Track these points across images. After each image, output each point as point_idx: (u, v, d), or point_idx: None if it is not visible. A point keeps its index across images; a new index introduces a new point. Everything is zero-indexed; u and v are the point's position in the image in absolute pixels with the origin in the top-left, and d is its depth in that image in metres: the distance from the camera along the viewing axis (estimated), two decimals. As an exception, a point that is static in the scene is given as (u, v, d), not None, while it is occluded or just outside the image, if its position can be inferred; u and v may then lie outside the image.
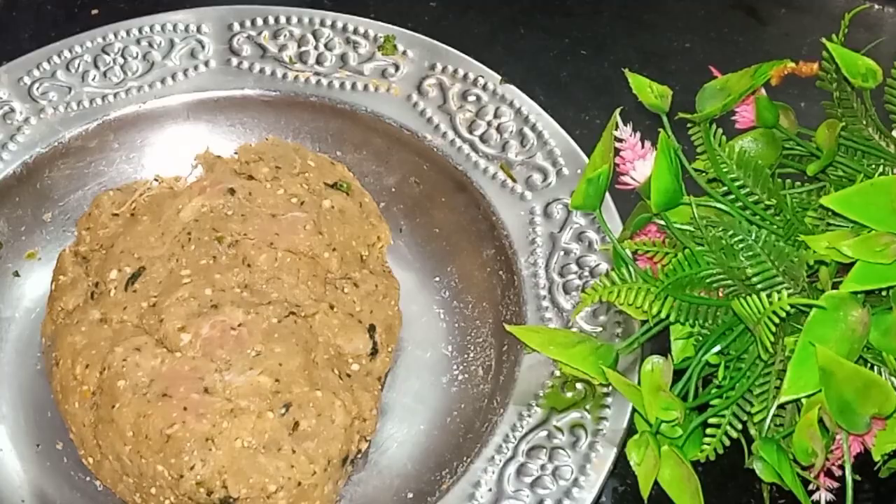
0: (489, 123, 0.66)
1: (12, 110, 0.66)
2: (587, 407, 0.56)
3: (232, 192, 0.62)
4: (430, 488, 0.57)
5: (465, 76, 0.68)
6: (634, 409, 0.55)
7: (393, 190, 0.68)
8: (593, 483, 0.54)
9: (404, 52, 0.69)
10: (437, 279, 0.65)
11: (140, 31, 0.69)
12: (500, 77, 0.67)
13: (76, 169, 0.67)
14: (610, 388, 0.55)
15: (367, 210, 0.65)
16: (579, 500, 0.53)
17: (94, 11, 0.77)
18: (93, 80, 0.67)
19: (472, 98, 0.67)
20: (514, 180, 0.64)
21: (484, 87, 0.67)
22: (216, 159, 0.65)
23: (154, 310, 0.58)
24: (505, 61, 0.69)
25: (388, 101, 0.67)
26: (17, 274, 0.65)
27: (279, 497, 0.54)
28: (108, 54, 0.68)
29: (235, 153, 0.66)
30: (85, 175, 0.67)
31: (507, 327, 0.57)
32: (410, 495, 0.58)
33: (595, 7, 0.79)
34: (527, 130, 0.66)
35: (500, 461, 0.55)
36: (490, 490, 0.54)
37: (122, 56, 0.68)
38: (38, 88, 0.67)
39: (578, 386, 0.56)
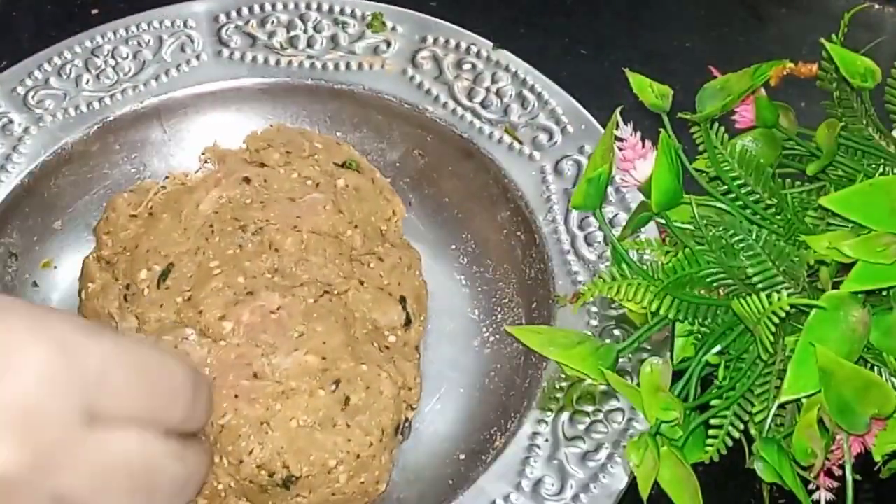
0: (488, 90, 0.67)
1: (11, 122, 0.65)
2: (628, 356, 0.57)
3: (247, 180, 0.63)
4: (481, 447, 0.58)
5: (458, 45, 0.69)
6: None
7: (398, 165, 0.68)
8: (644, 423, 0.55)
9: (393, 28, 0.69)
10: (454, 247, 0.66)
11: (127, 30, 0.69)
12: (492, 44, 0.68)
13: (80, 174, 0.66)
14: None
15: (380, 185, 0.66)
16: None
17: (94, 11, 0.76)
18: (87, 83, 0.67)
19: (467, 66, 0.68)
20: (520, 142, 0.65)
21: (478, 55, 0.68)
22: (225, 152, 0.65)
23: (191, 303, 0.58)
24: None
25: (384, 78, 0.68)
26: (35, 284, 0.64)
27: (340, 471, 0.55)
28: (98, 57, 0.68)
29: (243, 143, 0.66)
30: (90, 179, 0.66)
31: (507, 328, 0.57)
32: (462, 456, 0.59)
33: (595, 6, 0.80)
34: (526, 92, 0.67)
35: (553, 411, 0.56)
36: (547, 441, 0.55)
37: (113, 57, 0.68)
38: (33, 97, 0.66)
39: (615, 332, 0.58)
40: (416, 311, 0.61)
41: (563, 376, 0.56)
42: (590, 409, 0.56)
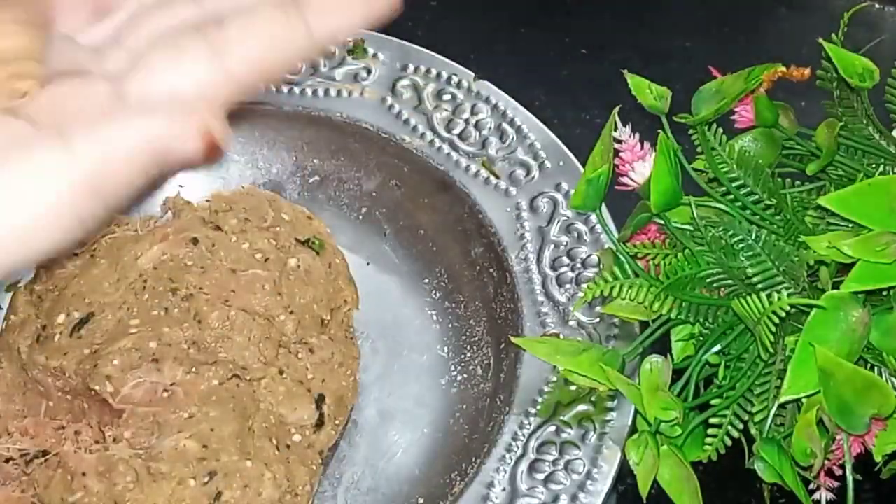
0: (467, 121, 0.66)
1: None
2: (592, 399, 0.56)
3: (195, 241, 0.60)
4: (440, 492, 0.57)
5: (439, 75, 0.67)
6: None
7: (374, 194, 0.67)
8: (606, 475, 0.54)
9: (375, 55, 0.68)
10: (427, 281, 0.65)
11: (104, 51, 0.68)
12: (473, 74, 0.67)
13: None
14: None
15: (336, 271, 0.62)
16: (594, 493, 0.53)
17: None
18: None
19: (447, 97, 0.67)
20: (497, 176, 0.64)
21: (458, 85, 0.67)
22: (185, 205, 0.63)
23: (92, 357, 0.55)
24: (505, 61, 0.69)
25: (363, 105, 0.67)
26: None
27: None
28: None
29: (208, 200, 0.63)
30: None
31: (513, 339, 0.56)
32: (421, 501, 0.57)
33: (595, 6, 0.79)
34: (505, 126, 0.65)
35: (511, 459, 0.55)
36: (504, 490, 0.54)
37: (89, 78, 0.67)
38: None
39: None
40: (331, 413, 0.58)
41: (530, 418, 0.55)
42: (550, 457, 0.54)
